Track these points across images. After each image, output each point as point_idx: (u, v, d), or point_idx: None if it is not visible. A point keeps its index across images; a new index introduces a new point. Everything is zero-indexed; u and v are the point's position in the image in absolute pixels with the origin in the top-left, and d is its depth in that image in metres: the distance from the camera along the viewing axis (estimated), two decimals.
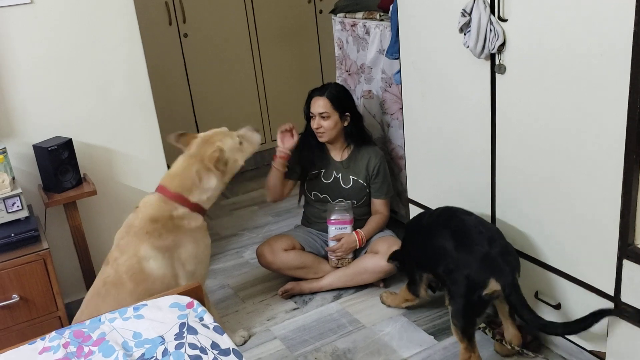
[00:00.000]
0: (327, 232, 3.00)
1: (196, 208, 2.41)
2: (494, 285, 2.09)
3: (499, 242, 2.16)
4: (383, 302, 2.77)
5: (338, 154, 3.03)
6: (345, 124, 2.96)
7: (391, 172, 3.14)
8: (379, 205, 3.04)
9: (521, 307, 2.06)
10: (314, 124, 2.94)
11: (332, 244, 2.96)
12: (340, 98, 2.93)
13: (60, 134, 2.79)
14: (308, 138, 3.03)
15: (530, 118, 2.11)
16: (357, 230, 2.95)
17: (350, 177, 3.00)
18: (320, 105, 2.90)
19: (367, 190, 3.02)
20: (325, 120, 2.91)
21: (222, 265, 3.34)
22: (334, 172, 3.01)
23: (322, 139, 2.97)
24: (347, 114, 2.94)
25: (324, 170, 3.03)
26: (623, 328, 1.96)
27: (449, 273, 2.22)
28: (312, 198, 3.07)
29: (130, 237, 2.32)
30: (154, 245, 2.29)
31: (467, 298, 2.14)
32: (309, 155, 3.02)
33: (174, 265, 2.33)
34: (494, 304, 2.28)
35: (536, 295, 2.29)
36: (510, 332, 2.33)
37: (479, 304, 2.14)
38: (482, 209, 2.43)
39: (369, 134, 3.11)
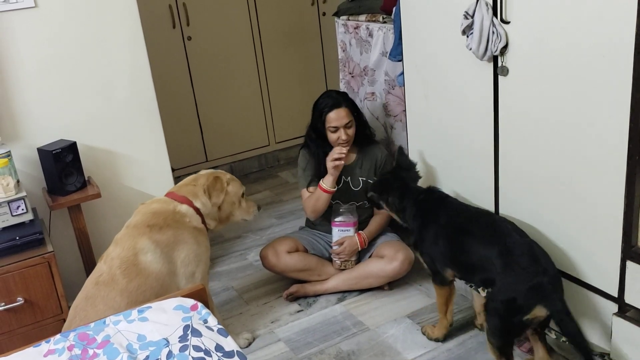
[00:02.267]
0: (331, 233, 3.00)
1: (199, 213, 2.49)
2: (538, 311, 2.00)
3: (551, 271, 2.05)
4: (429, 338, 2.56)
5: (347, 159, 3.01)
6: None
7: None
8: None
9: (575, 333, 1.93)
10: (340, 136, 2.84)
11: (335, 247, 2.95)
12: (352, 102, 2.93)
13: (65, 137, 2.80)
14: (317, 148, 2.95)
15: (533, 120, 2.11)
16: (359, 232, 2.95)
17: (360, 178, 2.99)
18: (344, 116, 2.84)
19: None
20: (350, 129, 2.87)
21: (226, 268, 3.34)
22: (343, 176, 2.99)
23: (348, 148, 2.89)
24: (355, 114, 2.94)
25: None
26: (627, 329, 1.95)
27: (487, 285, 2.15)
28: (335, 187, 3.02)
29: (129, 230, 2.34)
30: (153, 239, 2.30)
31: (508, 320, 2.04)
32: (319, 167, 2.94)
33: (172, 262, 2.33)
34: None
35: None
36: (539, 355, 2.22)
37: (519, 326, 2.06)
38: (485, 209, 2.43)
39: (373, 130, 3.10)
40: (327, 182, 2.87)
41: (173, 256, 2.34)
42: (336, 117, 2.85)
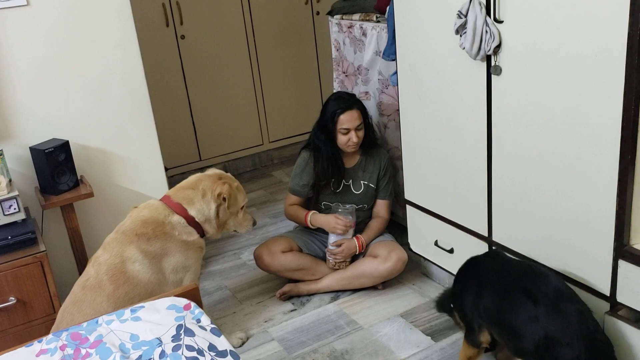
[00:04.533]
0: (326, 233, 3.00)
1: (193, 222, 2.42)
2: None
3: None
4: None
5: (350, 161, 3.01)
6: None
7: None
8: (381, 207, 3.04)
9: None
10: (352, 138, 2.85)
11: (332, 248, 2.94)
12: (362, 104, 2.94)
13: (57, 136, 2.79)
14: (327, 150, 2.92)
15: (526, 119, 2.12)
16: (358, 235, 2.94)
17: (361, 182, 2.99)
18: (356, 118, 2.85)
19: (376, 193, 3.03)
20: (361, 131, 2.88)
21: (220, 267, 3.34)
22: (344, 180, 2.99)
23: (354, 150, 2.92)
24: (364, 117, 2.94)
25: (333, 180, 2.98)
26: (619, 327, 1.96)
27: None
28: (322, 207, 3.03)
29: (118, 236, 2.32)
30: (141, 249, 2.28)
31: None
32: (327, 168, 2.93)
33: (161, 272, 2.32)
34: None
35: None
36: None
37: None
38: (478, 209, 2.44)
39: (377, 134, 3.10)
40: (315, 221, 2.96)
41: (161, 266, 2.33)
42: (349, 118, 2.85)
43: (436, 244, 2.72)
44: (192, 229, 2.41)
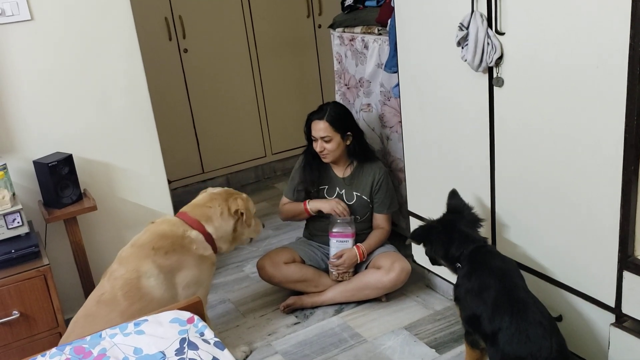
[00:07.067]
0: (328, 244, 3.00)
1: (209, 239, 2.46)
2: None
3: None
4: None
5: (341, 171, 3.03)
6: (348, 142, 2.96)
7: None
8: (380, 219, 3.04)
9: None
10: (317, 147, 2.93)
11: (333, 260, 2.94)
12: (340, 119, 2.93)
13: (61, 149, 2.80)
14: (309, 158, 3.04)
15: (529, 130, 2.12)
16: (358, 244, 2.94)
17: (354, 193, 3.00)
18: (321, 128, 2.90)
19: (371, 206, 3.02)
20: (328, 143, 2.91)
21: (223, 280, 3.33)
22: (337, 188, 3.02)
23: (327, 160, 2.97)
24: (348, 133, 2.95)
25: (326, 187, 3.03)
26: (624, 340, 1.95)
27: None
28: (316, 214, 3.07)
29: (134, 249, 2.32)
30: (157, 263, 2.28)
31: None
32: (311, 175, 3.03)
33: (174, 288, 2.32)
34: None
35: None
36: None
37: None
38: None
39: (372, 149, 3.11)
40: (313, 207, 2.99)
41: (175, 282, 2.33)
42: (314, 127, 2.94)
43: None
44: (208, 245, 2.46)
